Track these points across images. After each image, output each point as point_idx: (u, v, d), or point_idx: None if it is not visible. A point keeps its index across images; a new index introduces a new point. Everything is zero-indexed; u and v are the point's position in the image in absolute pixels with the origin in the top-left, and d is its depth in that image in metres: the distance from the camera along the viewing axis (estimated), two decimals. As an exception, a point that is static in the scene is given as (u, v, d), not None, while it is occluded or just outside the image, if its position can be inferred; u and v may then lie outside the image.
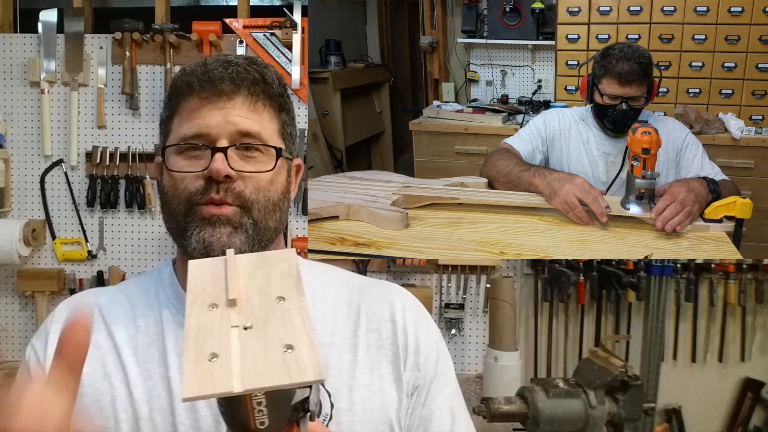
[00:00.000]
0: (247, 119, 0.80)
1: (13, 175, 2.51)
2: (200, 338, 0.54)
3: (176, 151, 0.81)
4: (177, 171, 0.79)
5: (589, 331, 2.51)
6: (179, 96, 0.82)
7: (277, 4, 2.77)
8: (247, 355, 0.52)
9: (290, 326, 0.55)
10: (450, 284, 2.51)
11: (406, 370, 0.84)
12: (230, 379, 0.50)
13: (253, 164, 0.80)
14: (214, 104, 0.79)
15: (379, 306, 0.87)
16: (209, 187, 0.78)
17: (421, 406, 0.85)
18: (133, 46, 2.47)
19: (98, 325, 0.84)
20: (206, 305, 0.57)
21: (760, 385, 2.54)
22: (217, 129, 0.79)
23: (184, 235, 0.79)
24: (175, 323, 0.82)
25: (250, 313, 0.56)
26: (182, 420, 0.77)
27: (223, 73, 0.79)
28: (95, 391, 0.79)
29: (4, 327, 2.52)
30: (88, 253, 2.50)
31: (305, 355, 0.52)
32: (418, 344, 0.85)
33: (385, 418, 0.81)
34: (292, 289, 0.59)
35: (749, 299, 2.50)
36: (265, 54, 2.46)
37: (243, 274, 0.61)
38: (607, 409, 1.23)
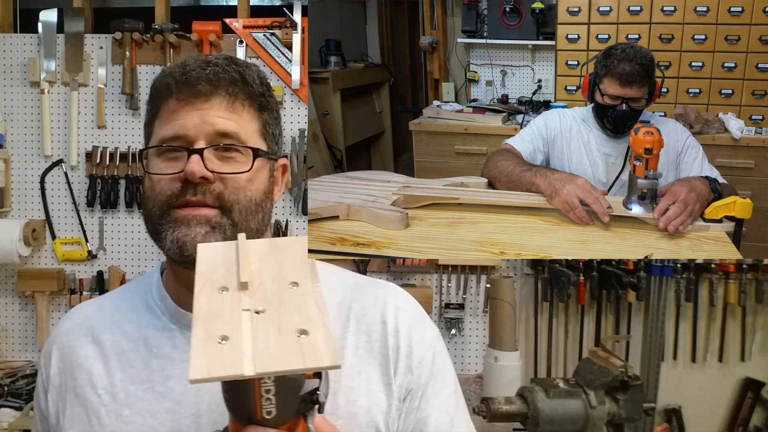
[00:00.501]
0: (225, 119, 0.79)
1: (13, 175, 2.51)
2: (209, 320, 0.52)
3: (155, 153, 0.80)
4: (155, 173, 0.79)
5: (589, 331, 2.52)
6: (159, 98, 0.82)
7: (277, 4, 2.77)
8: (259, 339, 0.50)
9: (304, 311, 0.53)
10: (450, 284, 2.51)
11: (398, 373, 0.81)
12: (241, 361, 0.48)
13: (231, 165, 0.79)
14: (192, 105, 0.79)
15: (371, 306, 0.85)
16: (185, 189, 0.77)
17: (415, 409, 0.82)
18: (133, 46, 2.47)
19: (87, 337, 0.85)
20: (216, 288, 0.56)
21: (760, 385, 2.54)
22: (195, 130, 0.78)
23: (159, 237, 0.78)
24: (160, 327, 0.83)
25: (263, 297, 0.55)
26: (163, 422, 0.78)
27: (200, 73, 0.79)
28: (85, 401, 0.81)
29: (4, 327, 2.52)
30: (88, 253, 2.50)
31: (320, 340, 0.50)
32: (411, 346, 0.83)
33: (372, 422, 0.79)
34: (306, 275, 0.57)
35: (749, 299, 2.50)
36: (265, 54, 2.46)
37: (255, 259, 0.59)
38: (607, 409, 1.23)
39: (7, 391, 2.32)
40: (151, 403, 0.78)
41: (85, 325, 0.87)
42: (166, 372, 0.80)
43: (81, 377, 0.83)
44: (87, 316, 0.88)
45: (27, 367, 2.44)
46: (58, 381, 0.84)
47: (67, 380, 0.83)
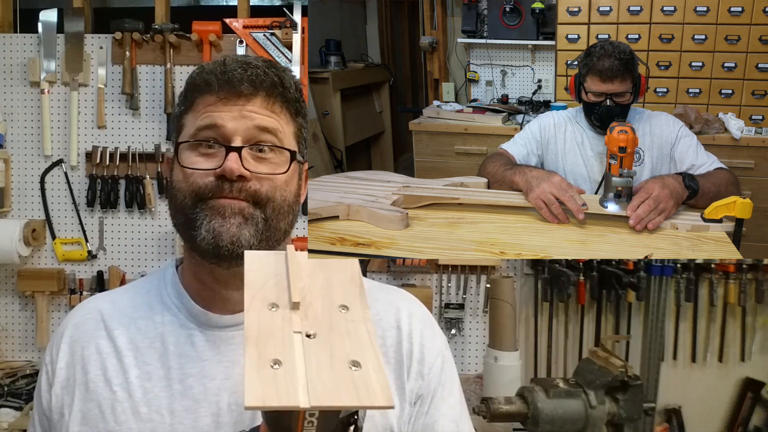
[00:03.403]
0: (264, 116, 0.80)
1: (13, 175, 2.51)
2: (261, 341, 0.51)
3: (190, 147, 0.80)
4: (189, 167, 0.79)
5: (589, 331, 2.52)
6: (195, 93, 0.82)
7: (277, 4, 2.77)
8: (312, 367, 0.49)
9: (355, 339, 0.52)
10: (450, 284, 2.51)
11: (410, 378, 0.83)
12: (296, 391, 0.47)
13: (267, 165, 0.79)
14: (233, 103, 0.79)
15: (385, 312, 0.87)
16: (221, 185, 0.77)
17: (424, 414, 0.84)
18: (133, 46, 2.47)
19: (100, 332, 0.84)
20: (266, 304, 0.55)
21: (760, 385, 2.54)
22: (233, 123, 0.78)
23: (192, 226, 0.78)
24: (177, 324, 0.82)
25: (314, 320, 0.53)
26: (182, 420, 0.77)
27: (242, 74, 0.79)
28: (98, 396, 0.80)
29: (4, 327, 2.52)
30: (88, 253, 2.50)
31: (373, 377, 0.49)
32: (423, 353, 0.85)
33: (387, 425, 0.81)
34: (356, 299, 0.56)
35: (749, 299, 2.50)
36: (265, 54, 2.45)
37: (304, 274, 0.58)
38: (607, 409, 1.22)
39: (7, 391, 2.32)
40: (169, 400, 0.78)
41: (97, 318, 0.85)
42: (185, 370, 0.79)
43: (94, 372, 0.81)
44: (99, 310, 0.87)
45: (27, 367, 2.44)
46: (65, 374, 0.83)
47: (77, 374, 0.82)
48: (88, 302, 0.91)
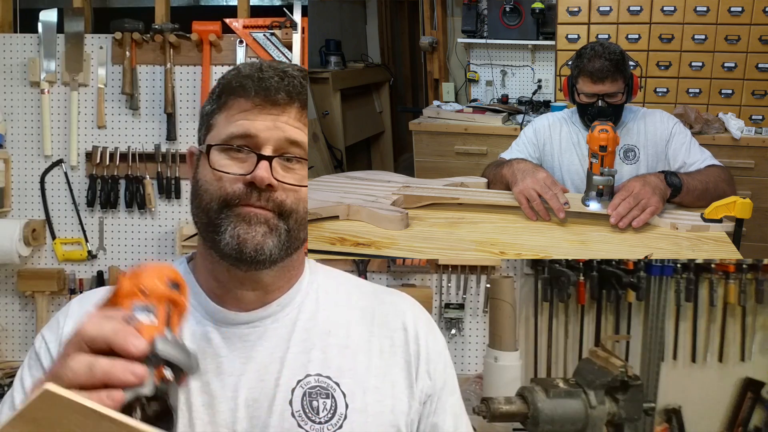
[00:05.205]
0: (296, 129, 0.80)
1: (13, 175, 2.51)
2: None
3: (220, 149, 0.80)
4: (219, 170, 0.79)
5: (589, 331, 2.51)
6: (230, 94, 0.82)
7: (277, 4, 2.77)
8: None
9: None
10: (450, 284, 2.51)
11: (418, 378, 0.86)
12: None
13: (294, 176, 0.80)
14: (267, 111, 0.79)
15: (392, 314, 0.90)
16: (249, 193, 0.78)
17: (432, 413, 0.88)
18: (133, 46, 2.47)
19: None
20: None
21: (760, 385, 2.54)
22: (266, 133, 0.78)
23: (216, 231, 0.78)
24: (193, 321, 0.82)
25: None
26: (200, 415, 0.79)
27: (279, 84, 0.79)
28: None
29: (4, 327, 2.52)
30: (88, 253, 2.50)
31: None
32: (429, 354, 0.88)
33: (395, 422, 0.83)
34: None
35: (749, 299, 2.50)
36: (265, 54, 2.45)
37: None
38: (607, 409, 1.22)
39: (6, 392, 2.32)
40: (186, 395, 0.79)
41: None
42: (202, 366, 0.79)
43: None
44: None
45: (27, 367, 2.44)
46: None
47: None
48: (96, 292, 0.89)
